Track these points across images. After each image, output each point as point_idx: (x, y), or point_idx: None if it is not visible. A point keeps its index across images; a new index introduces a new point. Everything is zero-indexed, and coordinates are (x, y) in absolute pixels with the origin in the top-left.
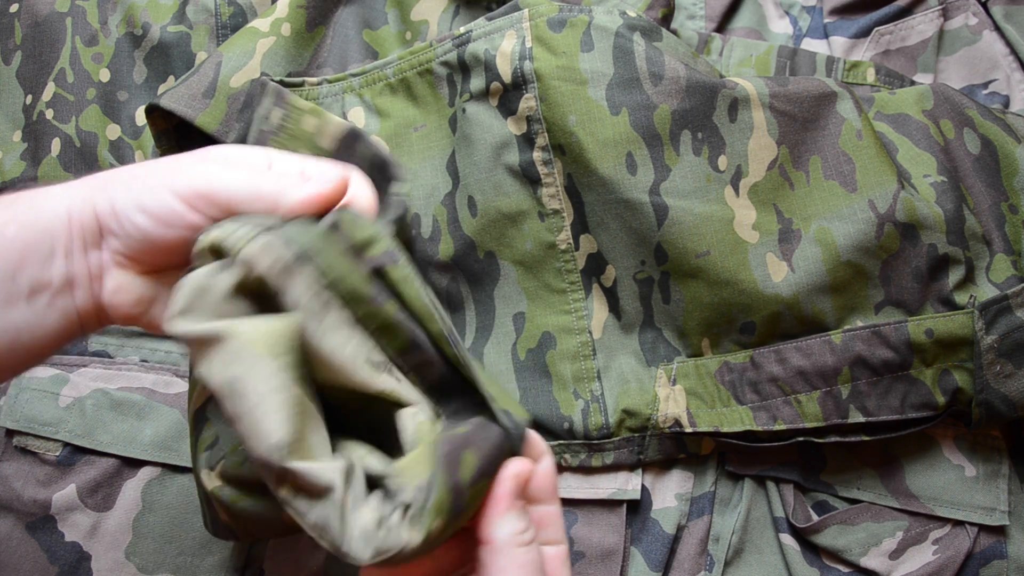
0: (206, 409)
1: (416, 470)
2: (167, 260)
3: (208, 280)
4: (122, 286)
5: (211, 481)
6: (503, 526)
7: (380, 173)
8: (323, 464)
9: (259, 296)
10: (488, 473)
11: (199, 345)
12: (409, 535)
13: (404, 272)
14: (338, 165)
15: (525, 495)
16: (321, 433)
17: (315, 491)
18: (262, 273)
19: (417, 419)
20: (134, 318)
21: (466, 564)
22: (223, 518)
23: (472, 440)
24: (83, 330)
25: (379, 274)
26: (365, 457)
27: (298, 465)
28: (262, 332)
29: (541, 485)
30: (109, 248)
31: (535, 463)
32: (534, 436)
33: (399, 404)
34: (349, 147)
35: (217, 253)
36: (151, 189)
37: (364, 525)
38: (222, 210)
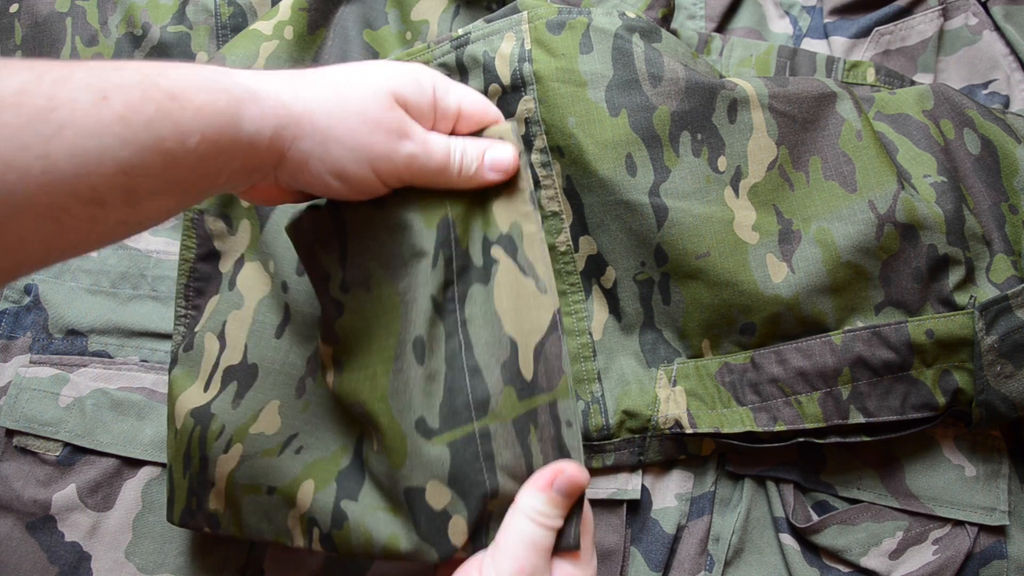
0: (211, 405)
1: None
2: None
3: None
4: (261, 192)
5: (228, 464)
6: (527, 496)
7: None
8: None
9: None
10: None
11: None
12: None
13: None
14: (504, 144)
15: (566, 493)
16: None
17: None
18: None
19: None
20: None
21: None
22: (212, 507)
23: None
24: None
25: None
26: None
27: None
28: None
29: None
30: (274, 177)
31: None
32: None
33: None
34: None
35: None
36: (350, 161)
37: None
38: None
